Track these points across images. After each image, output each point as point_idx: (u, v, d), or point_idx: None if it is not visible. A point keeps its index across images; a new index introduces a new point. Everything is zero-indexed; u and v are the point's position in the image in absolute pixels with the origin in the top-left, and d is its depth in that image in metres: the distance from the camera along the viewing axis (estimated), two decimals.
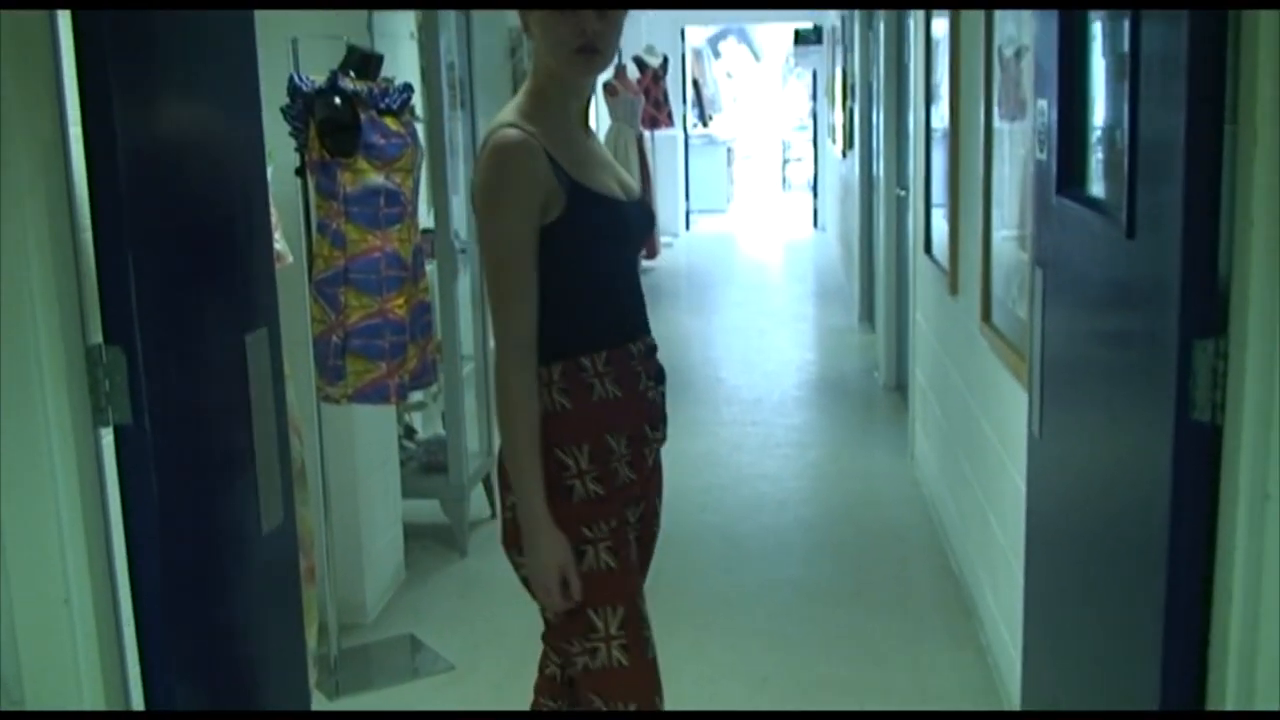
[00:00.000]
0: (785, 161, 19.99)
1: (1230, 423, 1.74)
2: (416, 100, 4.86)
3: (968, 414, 4.37)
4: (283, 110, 3.68)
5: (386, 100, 3.68)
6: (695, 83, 19.18)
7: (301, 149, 3.70)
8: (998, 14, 3.74)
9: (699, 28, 19.61)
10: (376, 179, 3.63)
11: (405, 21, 5.91)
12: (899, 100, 7.20)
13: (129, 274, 1.82)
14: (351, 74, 3.69)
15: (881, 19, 7.32)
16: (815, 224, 15.20)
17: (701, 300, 10.49)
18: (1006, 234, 3.67)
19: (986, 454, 4.02)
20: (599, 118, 11.29)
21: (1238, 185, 1.71)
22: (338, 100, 3.58)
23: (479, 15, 7.49)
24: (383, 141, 3.63)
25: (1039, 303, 2.58)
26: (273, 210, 3.17)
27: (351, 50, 3.75)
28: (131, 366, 1.84)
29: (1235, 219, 1.72)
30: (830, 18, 13.14)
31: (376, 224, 3.65)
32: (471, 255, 5.24)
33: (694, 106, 18.53)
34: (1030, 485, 2.80)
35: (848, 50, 10.52)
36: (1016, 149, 3.53)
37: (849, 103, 10.43)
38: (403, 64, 5.59)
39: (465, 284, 5.29)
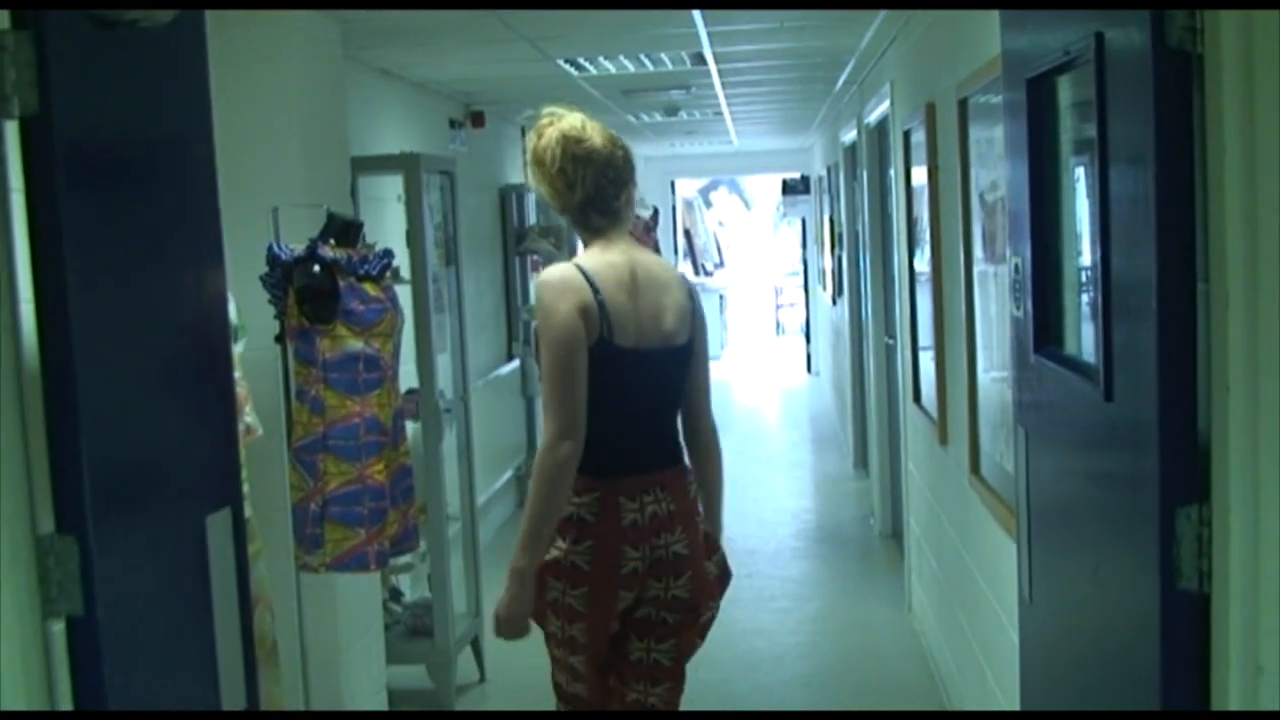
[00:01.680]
0: (778, 307, 20.14)
1: (1218, 591, 1.69)
2: (403, 261, 4.90)
3: (962, 567, 4.29)
4: (261, 279, 3.68)
5: (366, 267, 3.68)
6: (687, 232, 19.45)
7: (280, 316, 3.69)
8: (979, 160, 3.76)
9: (689, 180, 19.95)
10: (355, 345, 3.62)
11: (393, 185, 5.97)
12: (884, 247, 7.25)
13: (81, 458, 1.78)
14: (331, 241, 3.70)
15: (864, 168, 7.41)
16: (809, 369, 15.23)
17: None
18: (995, 375, 3.64)
19: (981, 608, 3.93)
20: None
21: (1213, 348, 1.68)
22: (316, 268, 3.58)
23: (468, 175, 7.59)
24: (362, 308, 3.63)
25: (1022, 463, 2.54)
26: (241, 385, 3.14)
27: (332, 218, 3.77)
28: (84, 555, 1.79)
29: (1212, 380, 1.69)
30: (816, 167, 13.34)
31: (356, 390, 3.62)
32: (456, 414, 5.20)
33: (686, 256, 18.75)
34: (1023, 650, 2.72)
35: (834, 199, 10.65)
36: (1004, 291, 3.53)
37: (837, 250, 10.52)
38: (390, 227, 5.63)
39: (450, 442, 5.25)
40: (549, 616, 3.00)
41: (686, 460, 3.12)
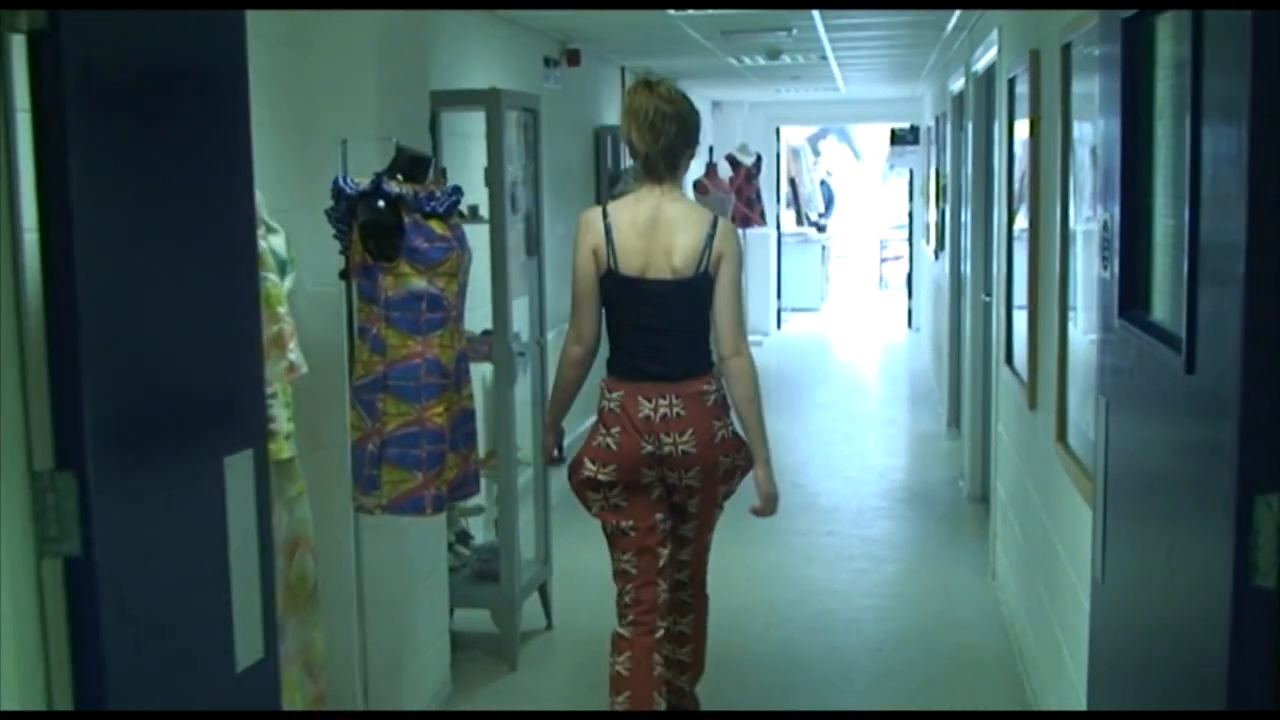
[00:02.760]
0: (883, 260, 19.77)
1: None
2: (482, 201, 4.80)
3: (1044, 537, 4.10)
4: (327, 213, 3.60)
5: (432, 204, 3.57)
6: (792, 181, 19.12)
7: (345, 252, 3.61)
8: (1082, 114, 3.55)
9: (796, 127, 19.59)
10: (419, 283, 3.52)
11: (479, 122, 5.86)
12: (986, 202, 6.99)
13: (82, 391, 1.70)
14: (399, 176, 3.60)
15: (970, 121, 7.14)
16: (910, 324, 14.93)
17: (787, 402, 10.24)
18: (1092, 338, 3.45)
19: (1061, 582, 3.75)
20: None
21: None
22: (381, 203, 3.49)
23: (562, 115, 7.47)
24: (426, 245, 3.53)
25: (1102, 435, 2.36)
26: (287, 321, 3.06)
27: (400, 152, 3.67)
28: (83, 494, 1.71)
29: None
30: (925, 117, 12.98)
31: (418, 329, 3.53)
32: (531, 357, 5.11)
33: (790, 205, 18.45)
34: (1092, 633, 2.55)
35: (941, 150, 10.34)
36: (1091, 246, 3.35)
37: (941, 203, 10.22)
38: (475, 164, 5.53)
39: (525, 388, 5.16)
40: (587, 493, 3.76)
41: (710, 372, 3.70)
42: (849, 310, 17.00)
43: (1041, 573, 4.21)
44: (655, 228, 3.65)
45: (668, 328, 3.67)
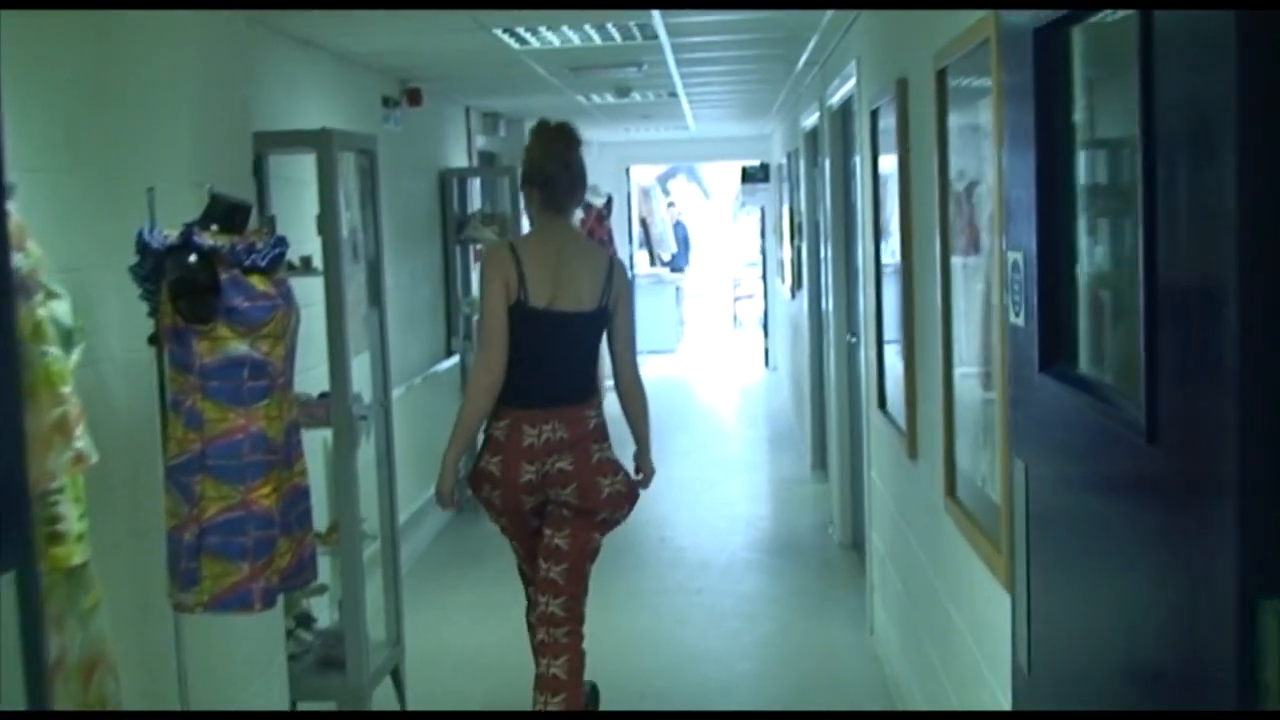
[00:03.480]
0: (736, 299, 19.67)
1: None
2: (316, 251, 4.39)
3: (933, 597, 3.83)
4: (131, 270, 3.17)
5: (253, 257, 3.17)
6: (644, 221, 18.94)
7: (154, 314, 3.18)
8: (954, 145, 3.32)
9: (646, 166, 19.45)
10: (239, 348, 3.11)
11: (310, 165, 5.44)
12: (847, 238, 6.80)
13: None
14: (214, 227, 3.19)
15: (827, 156, 6.95)
16: (767, 363, 14.79)
17: None
18: (966, 371, 3.21)
19: (956, 648, 3.48)
20: None
21: None
22: (192, 258, 3.07)
23: (404, 157, 7.08)
24: (247, 305, 3.12)
25: (1021, 505, 2.07)
26: (73, 404, 2.63)
27: (215, 200, 3.26)
28: None
29: None
30: (776, 155, 12.89)
31: (239, 400, 3.12)
32: (374, 420, 4.70)
33: (642, 245, 18.26)
34: None
35: (794, 187, 10.20)
36: (973, 284, 3.11)
37: (796, 240, 10.07)
38: (308, 212, 5.11)
39: (369, 453, 4.74)
40: (486, 505, 4.09)
41: (592, 399, 3.99)
42: (706, 351, 16.82)
43: (930, 633, 3.94)
44: (561, 262, 3.93)
45: (565, 356, 3.96)
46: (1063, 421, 1.85)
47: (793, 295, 10.81)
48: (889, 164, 4.60)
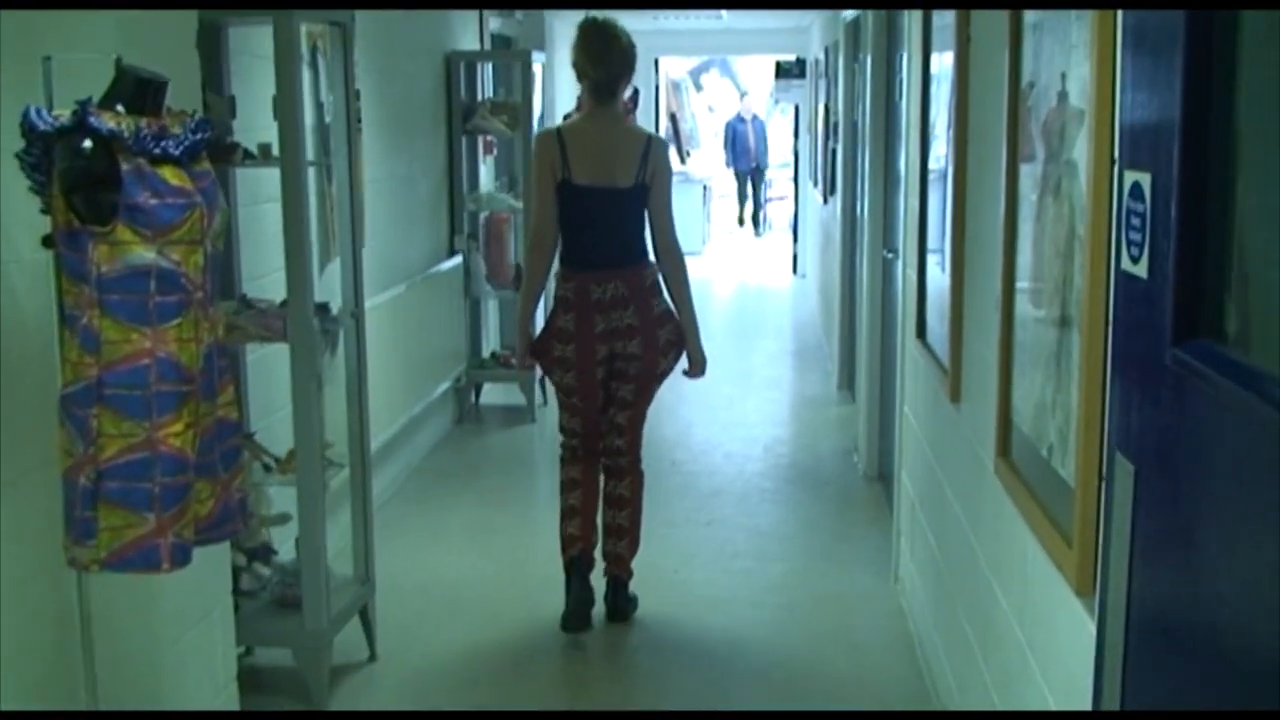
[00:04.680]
0: (766, 201, 18.93)
1: None
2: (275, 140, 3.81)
3: (973, 566, 3.29)
4: (18, 156, 2.59)
5: (164, 144, 2.59)
6: (673, 116, 18.20)
7: (48, 210, 2.62)
8: (1006, 45, 2.71)
9: (678, 59, 18.64)
10: (144, 255, 2.54)
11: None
12: (887, 142, 6.16)
13: None
14: (119, 108, 2.61)
15: (869, 51, 6.28)
16: (795, 270, 14.17)
17: None
18: (1021, 286, 2.66)
19: (1000, 633, 2.94)
20: None
21: None
22: (86, 144, 2.50)
23: (403, 38, 6.45)
24: (154, 202, 2.55)
25: (1124, 518, 1.51)
26: None
27: (122, 73, 2.67)
28: None
29: None
30: (814, 49, 12.14)
31: (144, 318, 2.56)
32: (347, 331, 4.15)
33: (671, 141, 17.53)
34: None
35: (831, 84, 9.50)
36: (1028, 194, 2.54)
37: (831, 142, 9.40)
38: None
39: (340, 370, 4.21)
40: (554, 369, 4.45)
41: (647, 262, 4.44)
42: (732, 254, 16.19)
43: (967, 607, 3.41)
44: (602, 145, 4.38)
45: (615, 225, 4.39)
46: (1208, 420, 1.28)
47: (825, 201, 10.16)
48: (941, 61, 3.97)
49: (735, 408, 7.98)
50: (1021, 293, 2.69)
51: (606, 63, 4.38)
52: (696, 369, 4.62)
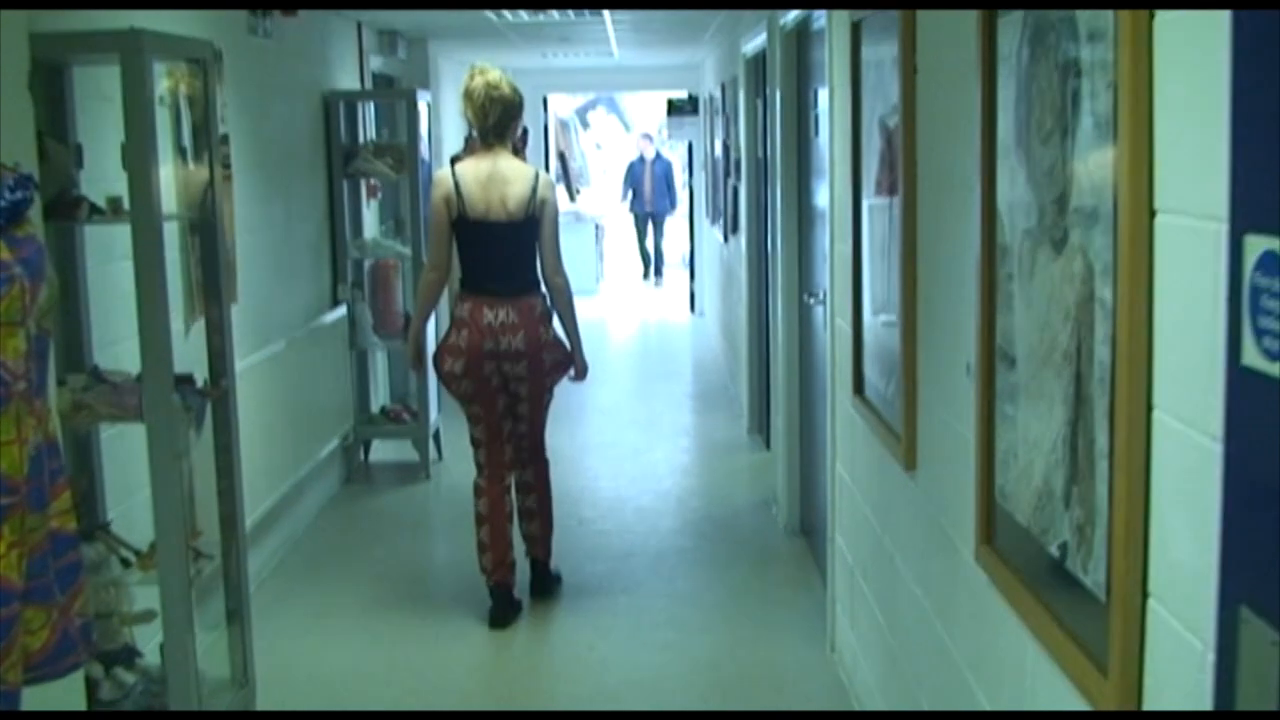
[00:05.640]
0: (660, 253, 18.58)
1: None
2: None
3: (943, 656, 2.91)
4: None
5: None
6: (561, 155, 17.81)
7: None
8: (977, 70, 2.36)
9: (565, 96, 18.32)
10: None
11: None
12: (799, 181, 5.82)
13: None
14: None
15: (778, 85, 5.94)
16: (693, 308, 13.83)
17: (563, 406, 8.93)
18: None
19: None
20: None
21: None
22: None
23: (278, 77, 5.95)
24: None
25: (1271, 695, 1.11)
26: None
27: None
28: None
29: None
30: (707, 85, 11.86)
31: None
32: (215, 404, 3.64)
33: (560, 180, 17.12)
34: None
35: (729, 120, 9.19)
36: (1013, 247, 2.19)
37: (732, 180, 9.08)
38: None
39: (208, 443, 3.70)
40: (449, 381, 4.82)
41: (537, 291, 4.81)
42: (627, 293, 15.82)
43: (934, 698, 3.02)
44: (492, 182, 4.76)
45: (507, 256, 4.78)
46: None
47: (725, 239, 9.83)
48: (874, 94, 3.62)
49: (643, 457, 7.56)
50: (1005, 360, 2.32)
51: (488, 113, 4.80)
52: (580, 374, 5.06)
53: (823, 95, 4.97)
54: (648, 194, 16.65)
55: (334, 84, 7.01)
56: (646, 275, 16.89)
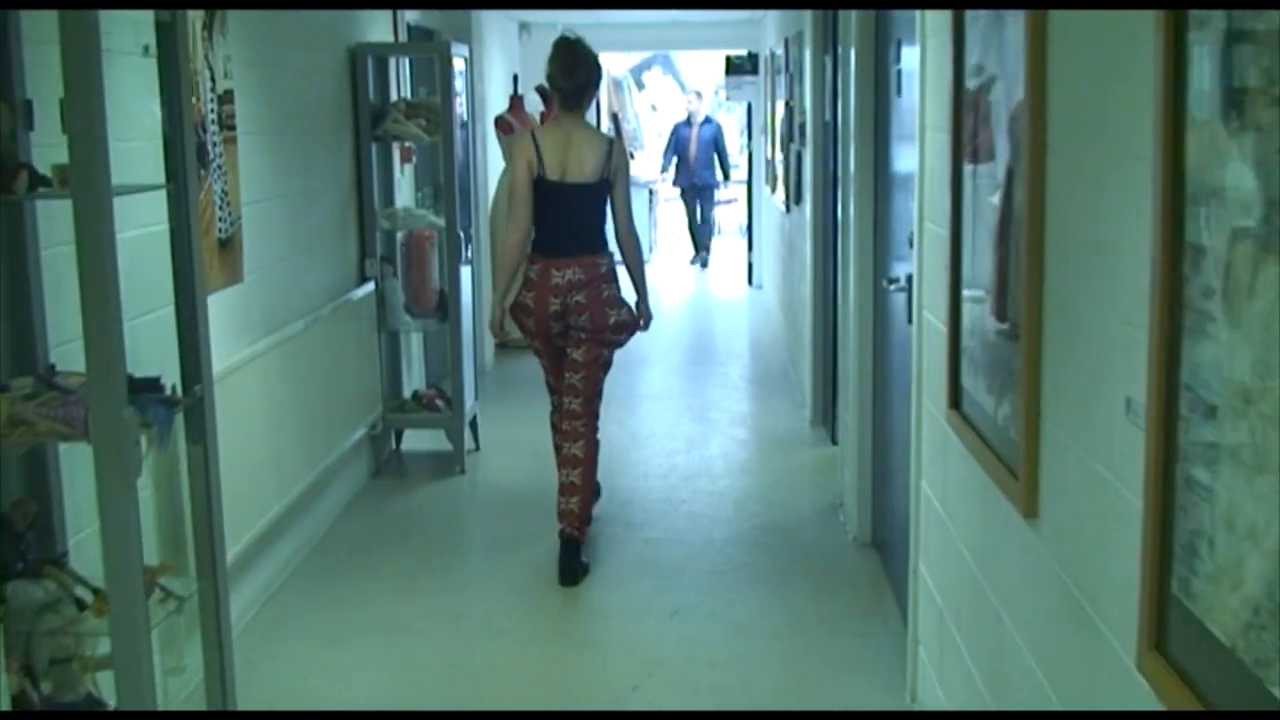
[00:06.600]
0: (715, 204, 17.91)
1: None
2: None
3: None
4: None
5: None
6: (614, 116, 17.15)
7: None
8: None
9: (618, 55, 17.63)
10: None
11: (138, 28, 3.70)
12: (876, 148, 5.15)
13: None
14: None
15: (852, 40, 5.26)
16: (751, 281, 13.17)
17: (612, 393, 8.30)
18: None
19: None
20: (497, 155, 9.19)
21: None
22: None
23: (295, 28, 5.36)
24: None
25: None
26: None
27: None
28: None
29: None
30: (768, 42, 11.15)
31: None
32: (191, 414, 3.06)
33: None
34: None
35: (794, 80, 8.50)
36: (1214, 246, 1.54)
37: (795, 145, 8.40)
38: (134, 91, 3.43)
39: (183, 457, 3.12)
40: (523, 335, 5.27)
41: (603, 251, 5.18)
42: (679, 263, 15.16)
43: None
44: (569, 145, 5.07)
45: (578, 216, 5.09)
46: None
47: (787, 209, 9.16)
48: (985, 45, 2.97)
49: (696, 451, 6.94)
50: (1198, 407, 1.67)
51: (574, 76, 5.09)
52: (645, 321, 5.33)
53: (907, 51, 4.31)
54: (692, 161, 14.70)
55: (362, 36, 6.40)
56: (697, 256, 15.00)
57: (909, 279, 4.13)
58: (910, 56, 4.18)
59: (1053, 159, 2.40)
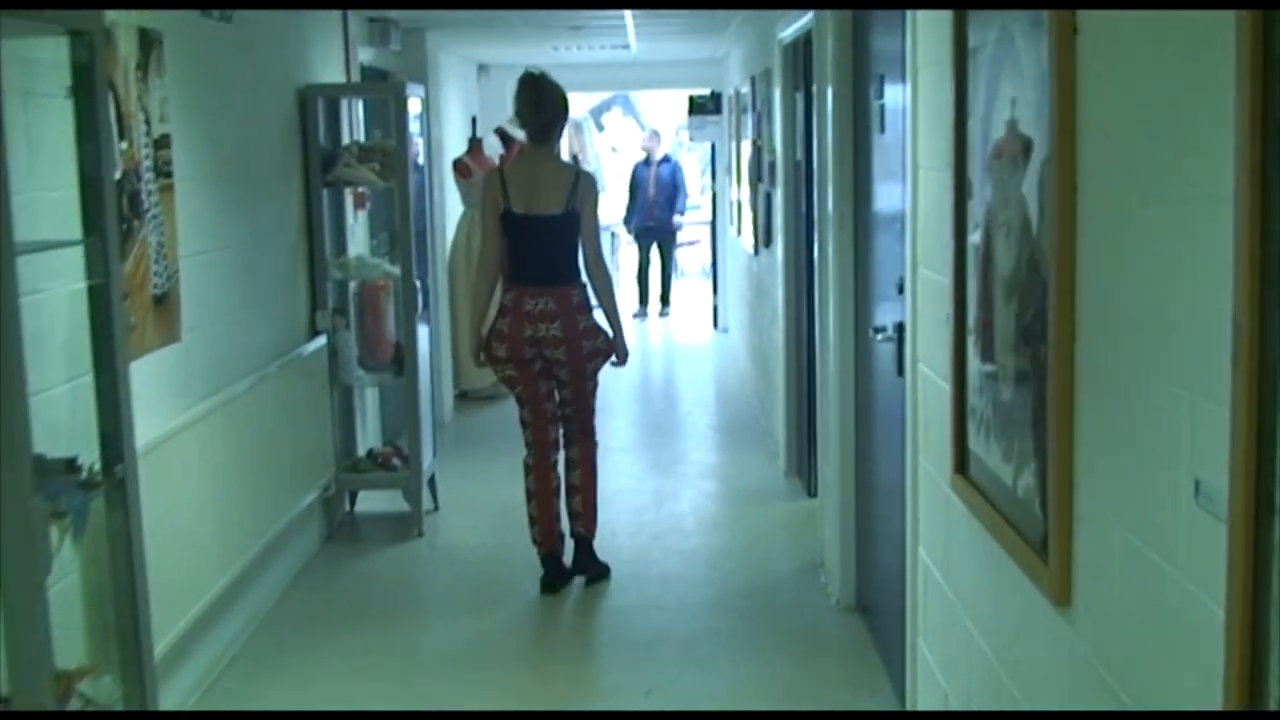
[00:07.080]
0: (676, 246, 17.64)
1: None
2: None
3: None
4: None
5: None
6: (574, 158, 16.90)
7: None
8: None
9: (579, 96, 17.40)
10: None
11: (60, 70, 3.37)
12: (856, 189, 4.89)
13: None
14: None
15: (829, 76, 5.00)
16: (715, 324, 12.89)
17: None
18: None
19: None
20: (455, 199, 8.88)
21: None
22: None
23: (240, 69, 5.05)
24: None
25: None
26: None
27: None
28: None
29: None
30: (732, 81, 10.93)
31: None
32: (110, 497, 2.72)
33: None
34: None
35: (762, 120, 8.25)
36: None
37: (763, 185, 8.15)
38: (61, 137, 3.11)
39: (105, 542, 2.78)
40: (497, 365, 5.25)
41: (576, 282, 5.24)
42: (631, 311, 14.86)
43: None
44: (538, 178, 5.20)
45: (548, 247, 5.20)
46: None
47: (755, 251, 8.90)
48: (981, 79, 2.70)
49: (666, 507, 6.63)
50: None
51: (542, 112, 5.20)
52: (621, 360, 5.37)
53: (891, 87, 4.05)
54: (650, 203, 13.92)
55: (312, 77, 6.10)
56: (642, 309, 13.97)
57: (898, 328, 3.86)
58: (895, 93, 3.92)
59: (1084, 200, 2.12)
